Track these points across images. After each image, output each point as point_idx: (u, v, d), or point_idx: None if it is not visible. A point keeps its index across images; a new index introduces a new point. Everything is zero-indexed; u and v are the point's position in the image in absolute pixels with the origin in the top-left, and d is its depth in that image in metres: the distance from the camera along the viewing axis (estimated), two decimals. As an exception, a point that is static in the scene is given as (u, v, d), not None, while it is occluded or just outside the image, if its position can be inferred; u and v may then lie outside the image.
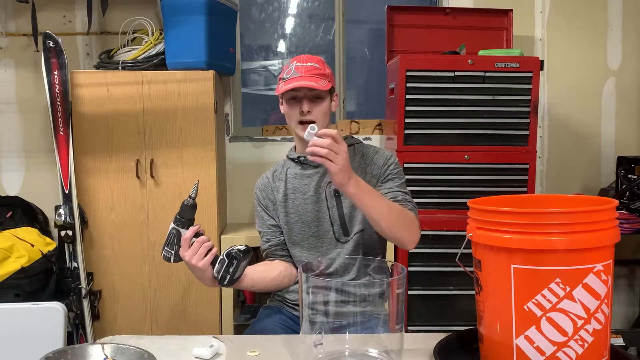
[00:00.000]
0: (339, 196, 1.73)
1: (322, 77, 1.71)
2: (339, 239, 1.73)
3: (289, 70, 1.72)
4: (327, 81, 1.72)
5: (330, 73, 1.77)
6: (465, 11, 3.12)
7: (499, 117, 2.70)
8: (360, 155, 1.79)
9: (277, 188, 1.82)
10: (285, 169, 1.85)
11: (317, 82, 1.69)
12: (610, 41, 3.29)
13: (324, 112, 1.73)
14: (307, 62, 1.72)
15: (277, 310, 1.81)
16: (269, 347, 1.43)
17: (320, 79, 1.70)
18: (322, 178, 1.76)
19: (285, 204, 1.79)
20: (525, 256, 1.12)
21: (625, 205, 2.89)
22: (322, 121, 1.72)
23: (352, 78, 3.51)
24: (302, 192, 1.78)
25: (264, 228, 1.83)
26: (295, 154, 1.83)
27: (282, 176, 1.83)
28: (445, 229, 2.66)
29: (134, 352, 1.24)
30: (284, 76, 1.73)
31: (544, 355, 1.11)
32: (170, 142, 2.76)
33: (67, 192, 2.69)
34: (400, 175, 1.77)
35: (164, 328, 2.78)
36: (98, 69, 2.87)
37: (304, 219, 1.76)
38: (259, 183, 1.88)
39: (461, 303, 2.66)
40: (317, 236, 1.76)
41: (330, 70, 1.78)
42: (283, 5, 3.53)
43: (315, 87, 1.68)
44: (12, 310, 1.64)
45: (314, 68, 1.71)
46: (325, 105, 1.73)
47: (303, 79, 1.68)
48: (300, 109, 1.71)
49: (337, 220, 1.73)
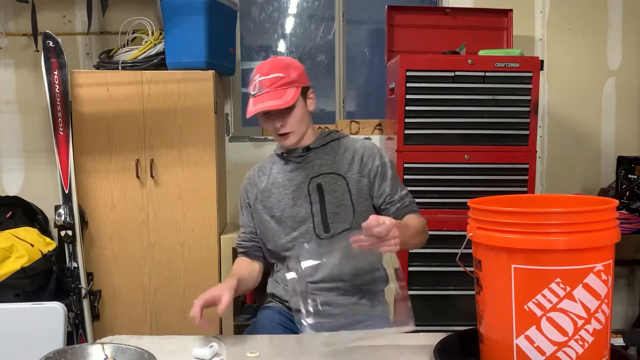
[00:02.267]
0: (322, 191, 1.73)
1: (288, 86, 1.67)
2: (319, 234, 1.72)
3: (255, 86, 1.69)
4: (294, 88, 1.68)
5: (299, 74, 1.71)
6: (465, 11, 3.12)
7: (499, 117, 2.70)
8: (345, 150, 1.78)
9: (260, 182, 1.84)
10: (271, 164, 1.86)
11: (280, 99, 1.65)
12: (610, 41, 3.28)
13: (297, 120, 1.71)
14: (269, 73, 1.68)
15: (276, 310, 1.81)
16: (269, 348, 1.43)
17: (285, 90, 1.66)
18: (306, 173, 1.76)
19: (268, 198, 1.79)
20: (526, 256, 1.12)
21: (625, 205, 2.89)
22: (297, 129, 1.72)
23: (352, 78, 3.51)
24: (284, 186, 1.78)
25: (247, 228, 1.86)
26: (280, 150, 1.84)
27: (267, 171, 1.85)
28: (445, 229, 2.66)
29: (134, 352, 1.24)
30: (250, 92, 1.71)
31: (544, 355, 1.11)
32: (170, 142, 2.76)
33: (67, 192, 2.69)
34: (395, 173, 1.78)
35: (164, 328, 2.78)
36: (98, 69, 2.87)
37: (285, 214, 1.76)
38: (246, 176, 1.90)
39: (461, 303, 2.66)
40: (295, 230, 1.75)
41: (300, 70, 1.73)
42: (283, 5, 3.53)
43: (277, 106, 1.65)
44: (12, 310, 1.64)
45: (277, 79, 1.66)
46: (297, 114, 1.71)
47: (266, 97, 1.65)
48: (274, 125, 1.71)
49: (317, 215, 1.72)
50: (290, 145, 1.75)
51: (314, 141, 1.79)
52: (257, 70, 1.71)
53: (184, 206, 2.77)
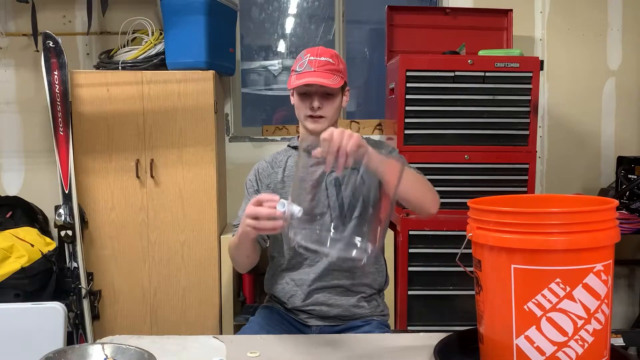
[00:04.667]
0: (339, 185, 1.72)
1: (335, 73, 1.68)
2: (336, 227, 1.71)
3: (302, 64, 1.69)
4: (340, 77, 1.70)
5: (344, 68, 1.74)
6: (465, 11, 3.12)
7: (499, 117, 2.70)
8: None
9: (274, 174, 1.80)
10: (286, 157, 1.83)
11: (329, 79, 1.66)
12: (610, 41, 3.28)
13: (334, 108, 1.72)
14: (320, 56, 1.69)
15: (274, 311, 1.80)
16: (269, 348, 1.43)
17: (333, 75, 1.68)
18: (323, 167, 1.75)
19: (282, 189, 1.77)
20: (525, 256, 1.12)
21: (625, 205, 2.89)
22: (331, 117, 1.72)
23: (352, 78, 3.51)
24: None
25: None
26: (297, 143, 1.82)
27: (282, 164, 1.81)
28: (445, 229, 2.66)
29: (134, 352, 1.24)
30: (296, 69, 1.70)
31: (544, 355, 1.11)
32: (170, 142, 2.76)
33: (67, 192, 2.69)
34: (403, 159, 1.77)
35: (164, 328, 2.78)
36: (98, 69, 2.87)
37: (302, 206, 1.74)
38: (257, 166, 1.85)
39: (461, 303, 2.66)
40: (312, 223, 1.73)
41: (345, 65, 1.76)
42: (283, 5, 3.53)
43: (327, 84, 1.66)
44: (12, 310, 1.64)
45: (327, 63, 1.68)
46: (336, 102, 1.72)
47: (315, 75, 1.66)
48: (311, 104, 1.69)
49: (335, 209, 1.71)
50: (317, 130, 1.69)
51: None
52: (308, 50, 1.72)
53: (184, 206, 2.77)
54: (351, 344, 1.45)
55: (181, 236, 2.78)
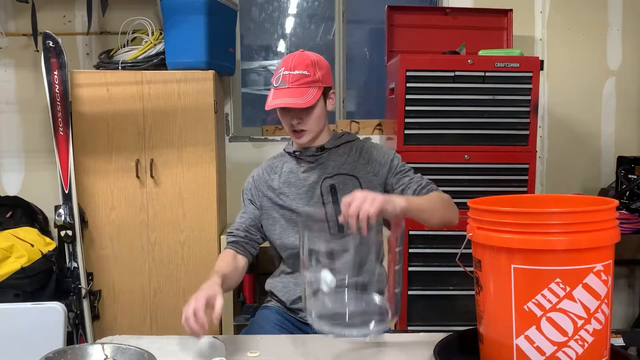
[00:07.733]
0: (335, 192, 1.72)
1: (311, 86, 1.64)
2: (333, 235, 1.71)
3: (277, 78, 1.66)
4: (317, 87, 1.66)
5: (324, 73, 1.69)
6: (465, 11, 3.12)
7: (499, 117, 2.70)
8: (358, 153, 1.78)
9: (270, 180, 1.80)
10: (282, 162, 1.82)
11: (302, 97, 1.62)
12: (610, 41, 3.28)
13: (314, 119, 1.69)
14: (295, 69, 1.65)
15: (274, 310, 1.80)
16: (269, 348, 1.43)
17: (308, 88, 1.64)
18: (318, 173, 1.75)
19: (279, 196, 1.77)
20: (525, 256, 1.12)
21: (625, 205, 2.89)
22: (314, 128, 1.69)
23: (352, 78, 3.51)
24: (296, 186, 1.76)
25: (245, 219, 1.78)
26: (292, 148, 1.82)
27: (278, 169, 1.81)
28: (445, 229, 2.66)
29: (134, 352, 1.24)
30: (273, 83, 1.69)
31: (544, 355, 1.11)
32: (170, 142, 2.76)
33: (67, 192, 2.69)
34: (409, 167, 1.76)
35: (164, 328, 2.78)
36: (98, 68, 2.87)
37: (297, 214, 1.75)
38: (254, 173, 1.84)
39: (461, 303, 2.66)
40: None
41: (325, 69, 1.70)
42: (283, 5, 3.53)
43: (299, 105, 1.62)
44: (12, 310, 1.64)
45: (302, 76, 1.64)
46: (316, 113, 1.68)
47: (288, 94, 1.63)
48: (290, 120, 1.68)
49: (332, 217, 1.71)
50: (303, 143, 1.72)
51: (328, 142, 1.76)
52: (284, 62, 1.68)
53: (184, 206, 2.77)
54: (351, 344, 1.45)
55: (181, 236, 2.78)
